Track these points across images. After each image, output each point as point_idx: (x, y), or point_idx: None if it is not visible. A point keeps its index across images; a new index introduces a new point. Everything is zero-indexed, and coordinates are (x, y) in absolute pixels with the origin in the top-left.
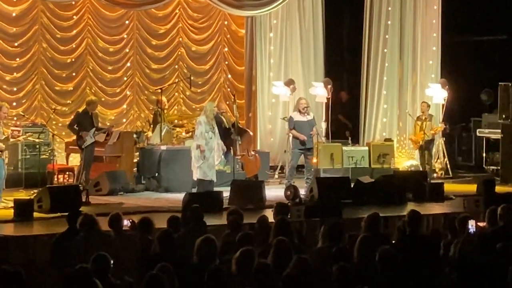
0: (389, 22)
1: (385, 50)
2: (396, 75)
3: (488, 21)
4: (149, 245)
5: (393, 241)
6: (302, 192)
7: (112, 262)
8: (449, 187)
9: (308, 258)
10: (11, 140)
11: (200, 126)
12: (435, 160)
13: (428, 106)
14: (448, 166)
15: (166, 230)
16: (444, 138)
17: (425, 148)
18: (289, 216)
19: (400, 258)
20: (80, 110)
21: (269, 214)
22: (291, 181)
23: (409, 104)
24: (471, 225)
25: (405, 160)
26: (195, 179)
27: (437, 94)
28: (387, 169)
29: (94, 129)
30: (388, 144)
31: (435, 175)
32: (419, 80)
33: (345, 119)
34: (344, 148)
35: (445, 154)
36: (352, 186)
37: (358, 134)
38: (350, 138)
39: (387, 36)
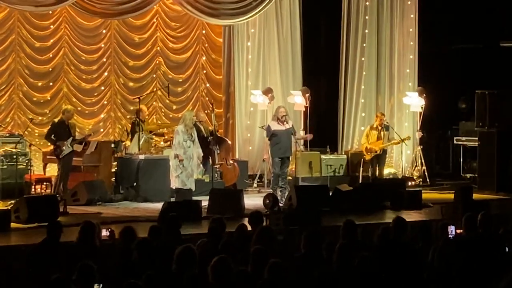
0: (366, 31)
1: (363, 59)
2: (374, 84)
3: (464, 30)
4: (130, 254)
5: (374, 248)
6: None
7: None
8: (427, 194)
9: (281, 262)
10: None
11: (178, 136)
12: (413, 168)
13: (384, 116)
14: (426, 174)
15: (144, 239)
16: (421, 146)
17: (380, 157)
18: (265, 224)
19: (381, 264)
20: (56, 120)
21: (247, 223)
22: (276, 190)
23: (386, 112)
24: (451, 230)
25: (387, 167)
26: (174, 188)
27: (415, 102)
28: (365, 177)
29: (71, 138)
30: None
31: (412, 182)
32: (397, 88)
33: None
34: (323, 156)
35: (423, 162)
36: (330, 194)
37: (336, 143)
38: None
39: (364, 45)
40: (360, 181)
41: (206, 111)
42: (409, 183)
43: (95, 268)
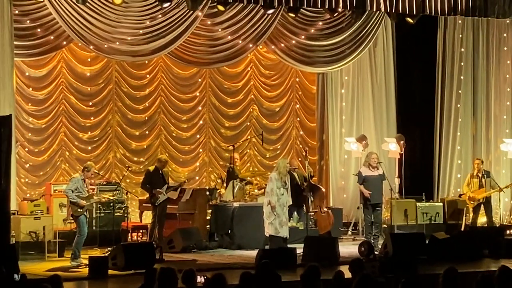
0: (461, 77)
1: (458, 105)
2: (470, 130)
3: None
4: None
5: None
6: None
7: None
8: None
9: None
10: (94, 198)
11: (271, 183)
12: (511, 217)
13: (482, 162)
14: None
15: (239, 285)
16: None
17: (485, 205)
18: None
19: None
20: (151, 168)
21: (343, 271)
22: (370, 237)
23: (483, 159)
24: None
25: (481, 216)
26: (267, 235)
27: None
28: (462, 225)
29: (166, 186)
30: (463, 200)
31: (511, 231)
32: (494, 135)
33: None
34: (418, 204)
35: None
36: (427, 242)
37: (432, 190)
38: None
39: (460, 91)
40: (463, 229)
41: (299, 159)
42: (508, 231)
43: None
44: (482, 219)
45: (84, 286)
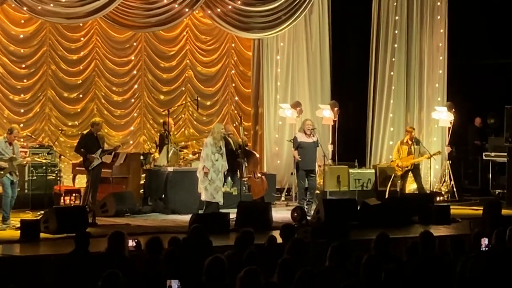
0: (395, 45)
1: (392, 73)
2: (403, 98)
3: (493, 45)
4: (157, 265)
5: (403, 261)
6: None
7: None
8: (455, 210)
9: (313, 270)
10: (19, 160)
11: (206, 148)
12: (441, 183)
13: (414, 130)
14: (454, 189)
15: (172, 249)
16: (450, 161)
17: (414, 172)
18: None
19: (411, 277)
20: (85, 132)
21: (276, 236)
22: (303, 203)
23: (416, 127)
24: (484, 242)
25: (411, 182)
26: (203, 199)
27: (443, 117)
28: (393, 191)
29: (100, 150)
30: (392, 167)
31: (441, 197)
32: (426, 103)
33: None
34: (351, 170)
35: (451, 177)
36: (358, 208)
37: (364, 157)
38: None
39: (393, 59)
40: (387, 196)
41: (234, 124)
42: (437, 198)
43: (121, 276)
44: (413, 186)
45: (15, 249)
